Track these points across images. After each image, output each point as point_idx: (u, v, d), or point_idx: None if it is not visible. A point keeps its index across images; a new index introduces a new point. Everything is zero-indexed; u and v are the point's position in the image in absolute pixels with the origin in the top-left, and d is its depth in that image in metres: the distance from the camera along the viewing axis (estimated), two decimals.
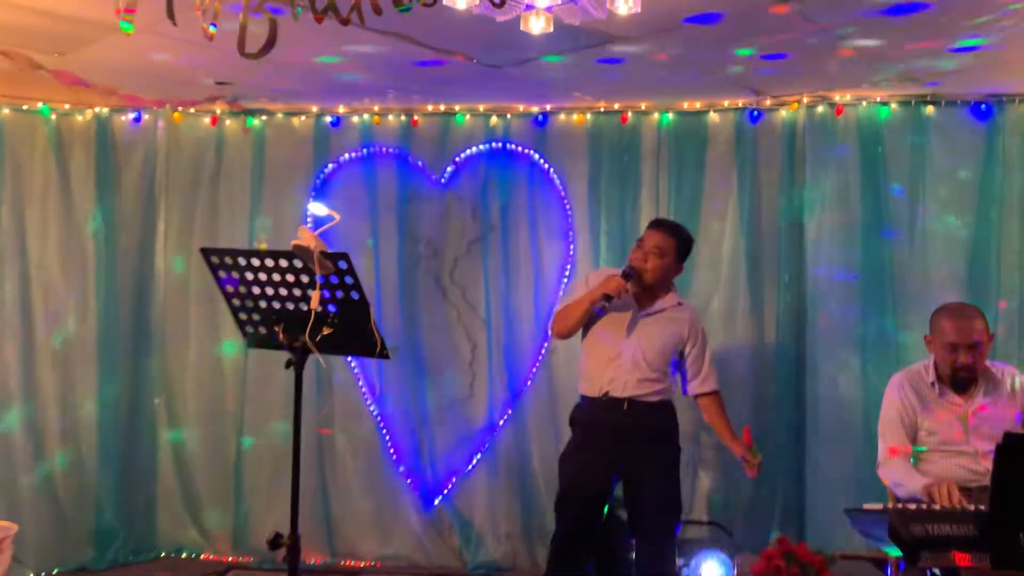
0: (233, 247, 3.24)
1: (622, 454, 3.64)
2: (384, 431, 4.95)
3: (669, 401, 3.75)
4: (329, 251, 2.59)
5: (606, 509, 3.76)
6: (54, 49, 3.84)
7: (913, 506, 2.96)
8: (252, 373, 4.93)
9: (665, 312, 3.73)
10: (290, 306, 2.76)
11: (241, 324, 2.90)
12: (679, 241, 3.72)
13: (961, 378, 3.29)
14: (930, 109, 4.45)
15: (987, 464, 3.16)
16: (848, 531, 4.03)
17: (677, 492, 3.74)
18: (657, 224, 3.80)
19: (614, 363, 3.65)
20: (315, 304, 2.67)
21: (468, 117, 4.90)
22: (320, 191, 4.95)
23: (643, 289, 3.72)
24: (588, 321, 3.71)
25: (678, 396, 3.83)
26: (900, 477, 3.28)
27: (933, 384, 3.36)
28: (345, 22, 2.41)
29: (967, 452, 3.29)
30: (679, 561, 4.23)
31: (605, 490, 3.71)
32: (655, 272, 3.66)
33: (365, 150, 4.96)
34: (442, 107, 4.87)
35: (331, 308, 2.72)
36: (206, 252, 2.82)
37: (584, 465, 3.67)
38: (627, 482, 3.72)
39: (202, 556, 4.94)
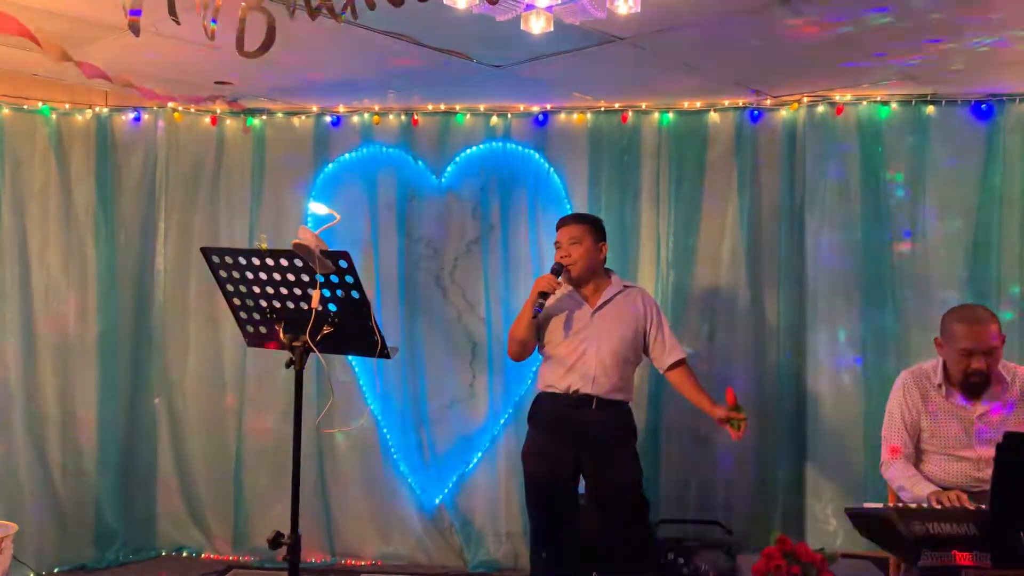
0: (233, 247, 3.24)
1: (586, 451, 3.67)
2: (384, 431, 4.95)
3: (629, 405, 3.80)
4: (329, 250, 2.60)
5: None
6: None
7: (914, 505, 2.96)
8: (252, 373, 4.93)
9: (614, 300, 3.78)
10: (290, 305, 2.76)
11: (242, 323, 2.91)
12: (588, 224, 3.81)
13: (973, 383, 3.23)
14: (930, 109, 4.44)
15: (990, 471, 3.12)
16: (848, 531, 4.05)
17: (641, 487, 3.79)
18: (562, 221, 3.86)
19: (579, 362, 3.69)
20: (315, 303, 2.68)
21: (468, 117, 4.90)
22: (320, 191, 4.95)
23: (581, 284, 3.78)
24: (540, 330, 3.77)
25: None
26: (904, 482, 3.24)
27: (940, 386, 3.31)
28: (338, 18, 2.41)
29: (970, 458, 3.26)
30: (680, 560, 4.25)
31: (574, 483, 3.75)
32: (580, 260, 3.73)
33: (365, 150, 4.97)
34: (442, 107, 4.88)
35: (331, 307, 2.72)
36: (206, 252, 2.82)
37: (553, 459, 3.70)
38: (591, 480, 3.74)
39: (202, 556, 4.94)
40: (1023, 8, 3.19)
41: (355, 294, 2.68)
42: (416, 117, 4.92)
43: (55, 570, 4.63)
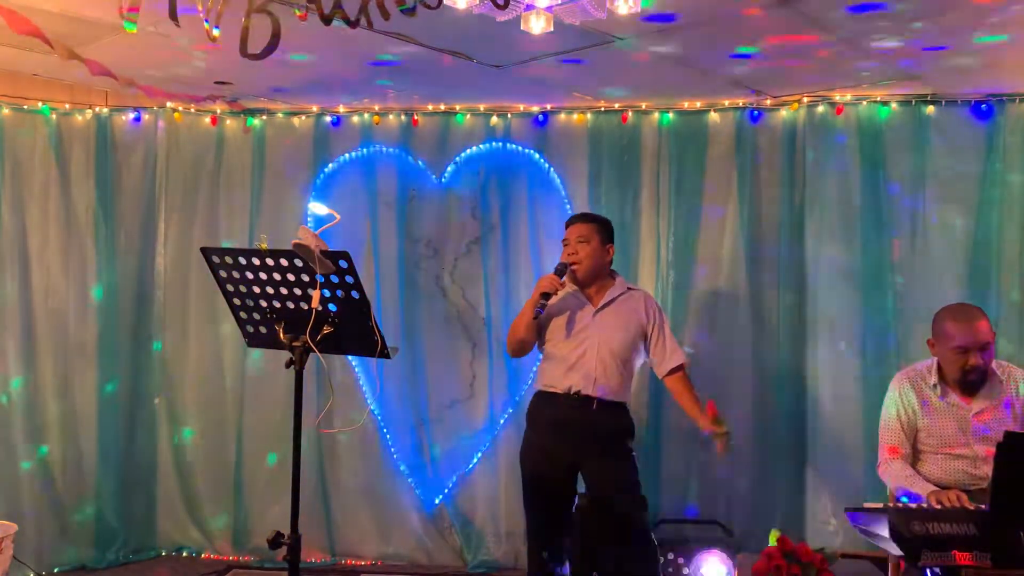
0: (233, 247, 3.24)
1: (585, 451, 3.67)
2: (384, 431, 4.95)
3: (627, 406, 3.80)
4: (329, 250, 2.60)
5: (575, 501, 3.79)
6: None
7: (914, 505, 2.96)
8: (252, 372, 4.93)
9: (617, 301, 3.77)
10: (291, 305, 2.76)
11: (242, 323, 2.91)
12: (597, 224, 3.80)
13: (971, 380, 3.24)
14: (930, 109, 4.44)
15: (987, 469, 3.12)
16: (848, 531, 4.05)
17: (639, 486, 3.78)
18: (571, 220, 3.86)
19: (580, 362, 3.68)
20: (316, 303, 2.68)
21: (468, 117, 4.90)
22: (320, 191, 4.95)
23: (586, 284, 3.78)
24: (541, 329, 3.76)
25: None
26: (902, 482, 3.23)
27: (935, 386, 3.32)
28: (353, 25, 2.40)
29: (966, 456, 3.26)
30: (680, 560, 4.25)
31: (572, 483, 3.75)
32: (587, 260, 3.73)
33: (365, 150, 4.97)
34: (442, 107, 4.88)
35: (331, 307, 2.72)
36: (206, 252, 2.82)
37: (551, 460, 3.71)
38: (590, 480, 3.74)
39: (202, 556, 4.94)
40: (1023, 8, 3.19)
41: (355, 294, 2.68)
42: (416, 117, 4.92)
43: (55, 570, 4.64)
